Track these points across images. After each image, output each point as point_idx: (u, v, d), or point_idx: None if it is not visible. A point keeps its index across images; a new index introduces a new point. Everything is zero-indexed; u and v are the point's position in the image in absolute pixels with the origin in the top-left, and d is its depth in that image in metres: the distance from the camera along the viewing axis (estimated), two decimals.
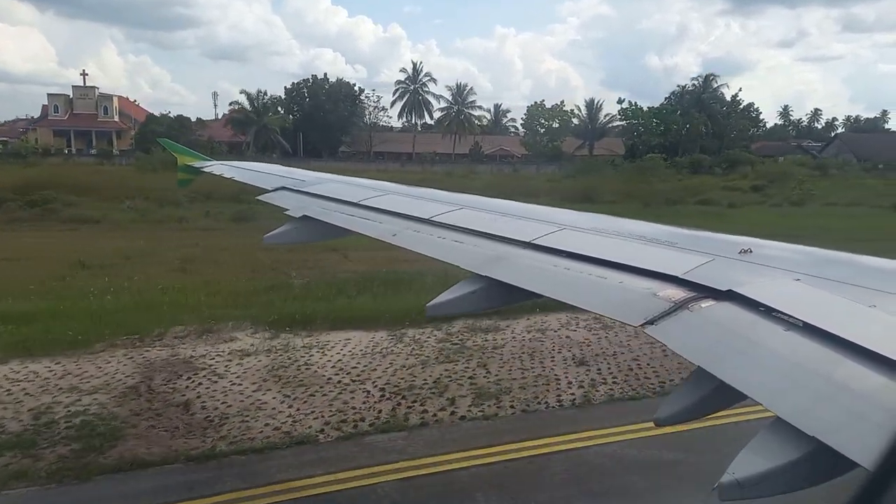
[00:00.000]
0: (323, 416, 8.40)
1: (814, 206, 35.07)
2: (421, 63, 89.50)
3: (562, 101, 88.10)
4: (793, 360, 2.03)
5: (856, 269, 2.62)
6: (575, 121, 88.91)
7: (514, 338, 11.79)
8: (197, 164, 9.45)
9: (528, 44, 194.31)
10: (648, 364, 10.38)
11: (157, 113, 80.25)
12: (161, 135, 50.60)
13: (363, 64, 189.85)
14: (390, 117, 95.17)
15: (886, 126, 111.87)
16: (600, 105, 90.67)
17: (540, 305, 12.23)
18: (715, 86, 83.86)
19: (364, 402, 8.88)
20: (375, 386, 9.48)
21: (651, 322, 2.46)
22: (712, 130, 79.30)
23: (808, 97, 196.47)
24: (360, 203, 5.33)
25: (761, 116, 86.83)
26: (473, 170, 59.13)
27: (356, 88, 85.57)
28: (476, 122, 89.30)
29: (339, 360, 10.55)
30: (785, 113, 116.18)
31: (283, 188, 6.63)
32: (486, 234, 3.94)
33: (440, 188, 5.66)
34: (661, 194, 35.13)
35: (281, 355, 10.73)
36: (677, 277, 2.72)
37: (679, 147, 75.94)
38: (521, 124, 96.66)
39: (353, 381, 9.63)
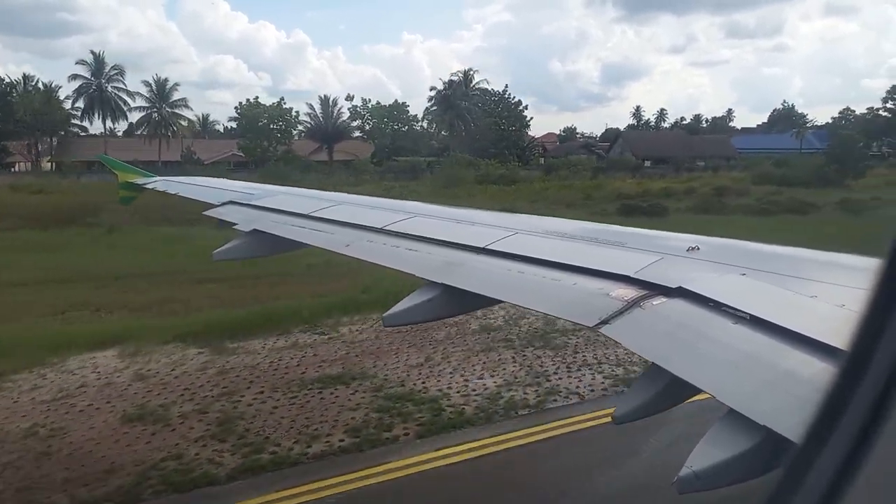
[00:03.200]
0: None
1: None
2: (102, 52, 70.49)
3: (281, 98, 71.93)
4: (742, 353, 2.09)
5: (797, 262, 2.72)
6: (307, 119, 75.61)
7: None
8: (139, 180, 9.17)
9: (436, 50, 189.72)
10: None
11: None
12: None
13: (267, 71, 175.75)
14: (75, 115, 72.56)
15: (731, 124, 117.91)
16: (336, 101, 76.97)
17: None
18: (473, 83, 76.18)
19: None
20: None
21: (605, 322, 2.49)
22: (462, 129, 72.95)
23: (699, 100, 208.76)
24: (312, 215, 5.24)
25: (526, 113, 78.88)
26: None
27: (5, 85, 66.19)
28: (183, 123, 72.82)
29: None
30: (637, 114, 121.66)
31: (231, 202, 6.47)
32: (440, 241, 3.93)
33: None
34: None
35: None
36: (629, 276, 2.77)
37: (448, 148, 68.20)
38: (231, 126, 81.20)
39: None
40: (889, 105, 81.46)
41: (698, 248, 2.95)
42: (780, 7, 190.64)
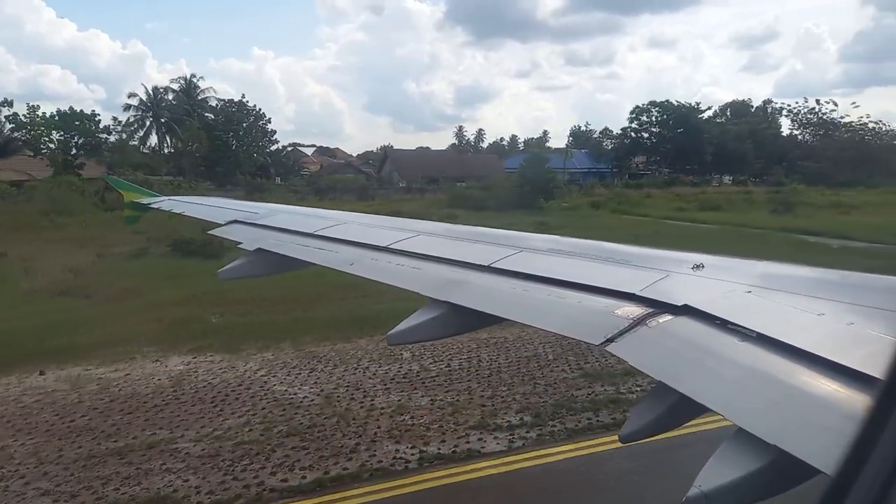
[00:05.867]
0: None
1: None
2: None
3: None
4: (750, 371, 2.07)
5: (803, 280, 2.70)
6: None
7: None
8: (145, 200, 9.21)
9: (289, 67, 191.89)
10: None
11: None
12: None
13: (101, 83, 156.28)
14: None
15: (547, 144, 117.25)
16: None
17: None
18: (198, 91, 69.68)
19: None
20: None
21: (611, 340, 2.48)
22: (171, 142, 64.68)
23: (544, 122, 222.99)
24: (316, 234, 5.26)
25: (271, 128, 73.40)
26: None
27: None
28: None
29: None
30: (459, 134, 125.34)
31: (236, 221, 6.51)
32: (444, 259, 3.93)
33: None
34: None
35: None
36: (634, 294, 2.75)
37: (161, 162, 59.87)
38: None
39: None
40: (634, 125, 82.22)
41: (703, 266, 2.94)
42: (609, 39, 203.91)
